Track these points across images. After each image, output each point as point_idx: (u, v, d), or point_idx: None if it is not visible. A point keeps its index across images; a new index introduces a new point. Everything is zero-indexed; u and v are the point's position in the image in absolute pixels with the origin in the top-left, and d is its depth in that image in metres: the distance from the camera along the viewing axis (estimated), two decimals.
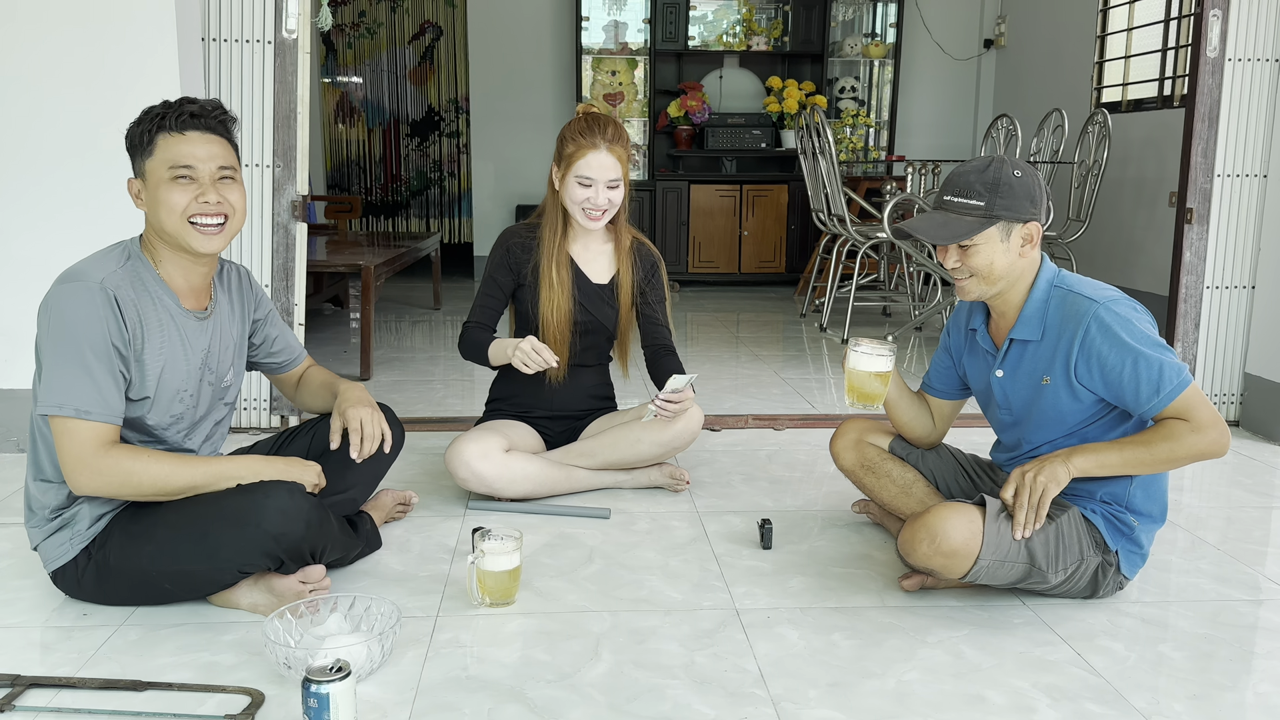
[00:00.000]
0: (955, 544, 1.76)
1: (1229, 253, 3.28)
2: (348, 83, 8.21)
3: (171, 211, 1.76)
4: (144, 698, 1.58)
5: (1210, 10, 3.16)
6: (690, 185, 6.56)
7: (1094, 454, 1.80)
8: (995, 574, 1.82)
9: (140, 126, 1.78)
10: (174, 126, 1.75)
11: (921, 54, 6.97)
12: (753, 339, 4.87)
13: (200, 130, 1.77)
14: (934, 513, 1.80)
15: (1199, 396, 1.80)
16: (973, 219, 1.85)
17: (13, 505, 2.40)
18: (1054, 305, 1.89)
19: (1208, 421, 1.78)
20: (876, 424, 2.27)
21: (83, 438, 1.70)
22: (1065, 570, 1.87)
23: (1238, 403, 3.36)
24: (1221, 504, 2.61)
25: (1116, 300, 1.85)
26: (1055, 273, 1.93)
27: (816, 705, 1.59)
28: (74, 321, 1.69)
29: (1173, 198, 3.41)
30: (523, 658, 1.73)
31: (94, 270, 1.74)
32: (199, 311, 1.87)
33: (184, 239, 1.78)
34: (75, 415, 1.69)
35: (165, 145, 1.76)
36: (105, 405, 1.71)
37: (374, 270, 4.02)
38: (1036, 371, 1.92)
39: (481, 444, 2.40)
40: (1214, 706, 1.60)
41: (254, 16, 2.91)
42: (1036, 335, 1.91)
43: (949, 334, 2.17)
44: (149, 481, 1.74)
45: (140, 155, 1.78)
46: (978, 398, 2.13)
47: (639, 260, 2.59)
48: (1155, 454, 1.79)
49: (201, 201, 1.76)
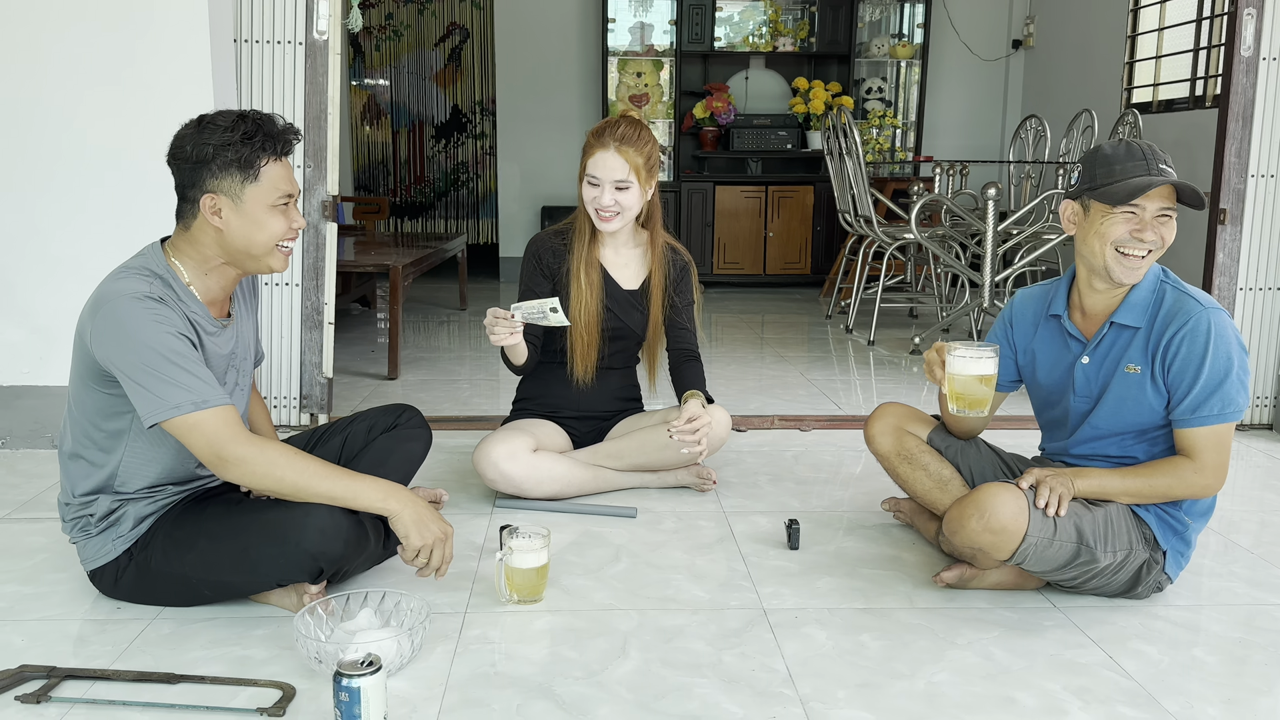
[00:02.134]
0: (1005, 519, 1.77)
1: (1263, 254, 3.24)
2: (375, 84, 8.26)
3: (272, 236, 1.77)
4: (177, 690, 1.59)
5: (1245, 8, 3.12)
6: (715, 186, 6.55)
7: (1097, 478, 1.86)
8: (1044, 554, 1.81)
9: (234, 147, 1.71)
10: (280, 151, 1.76)
11: (949, 54, 6.93)
12: (778, 340, 4.86)
13: (290, 154, 1.80)
14: (983, 490, 1.82)
15: (1224, 440, 1.84)
16: (1198, 191, 1.85)
17: (47, 500, 2.44)
18: (1162, 298, 1.90)
19: (1213, 466, 1.84)
20: (915, 413, 2.23)
21: (213, 426, 1.69)
22: (1115, 553, 1.86)
23: (1271, 405, 3.32)
24: (1255, 508, 2.58)
25: (1222, 312, 1.86)
26: (1162, 268, 1.95)
27: (845, 706, 1.58)
28: (140, 332, 1.67)
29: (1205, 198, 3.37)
30: (551, 654, 1.73)
31: (129, 286, 1.71)
32: (223, 319, 1.88)
33: (269, 261, 1.80)
34: (194, 409, 1.67)
35: (274, 170, 1.76)
36: (215, 389, 1.71)
37: (401, 270, 4.04)
38: (1125, 359, 1.91)
39: (509, 444, 2.41)
40: (1248, 711, 1.58)
41: (285, 18, 2.94)
42: (1141, 322, 1.90)
43: (1010, 325, 2.12)
44: (290, 480, 1.72)
45: (236, 174, 1.73)
46: (1041, 390, 2.09)
47: (672, 266, 2.59)
48: (1154, 487, 1.84)
49: (295, 228, 1.80)
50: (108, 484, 1.81)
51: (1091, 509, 1.85)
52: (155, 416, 1.68)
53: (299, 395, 3.12)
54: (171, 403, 1.67)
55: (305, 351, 3.10)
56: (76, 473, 1.83)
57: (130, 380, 1.68)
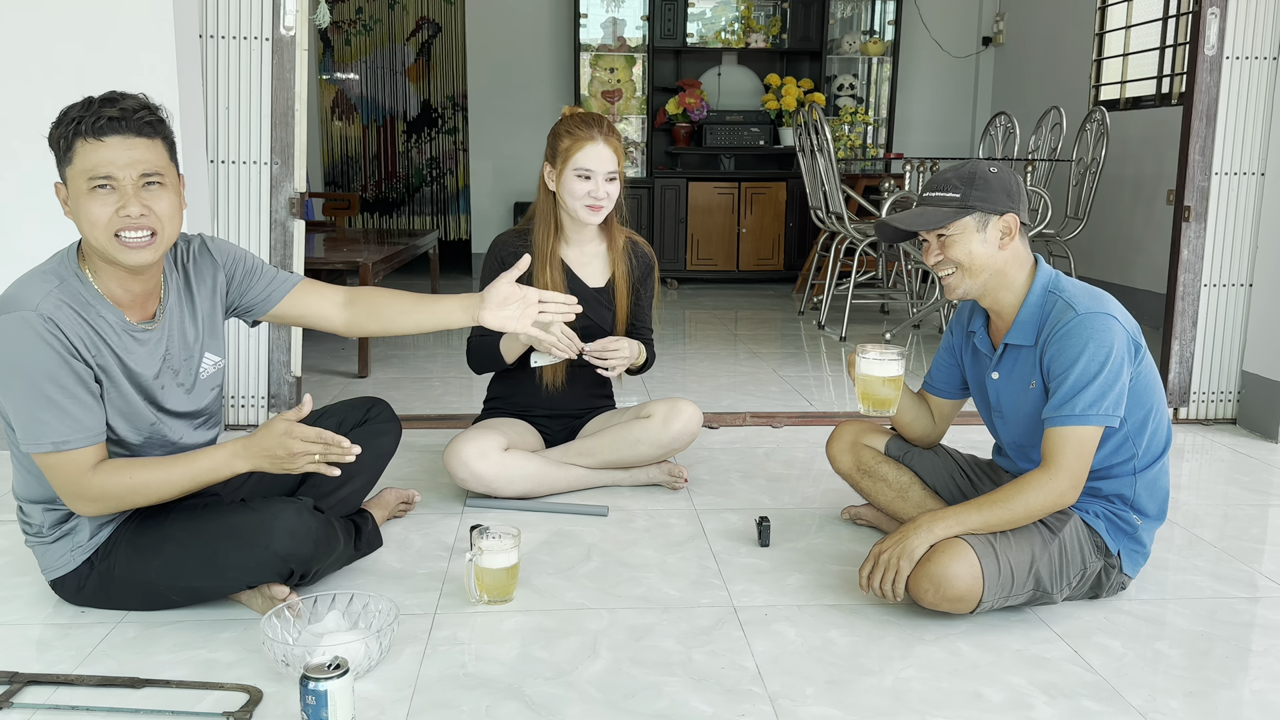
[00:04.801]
0: (960, 590, 1.77)
1: (1227, 251, 3.29)
2: (345, 79, 8.19)
3: (94, 225, 1.62)
4: (142, 695, 1.57)
5: (1209, 8, 3.16)
6: (688, 182, 6.56)
7: (955, 516, 1.82)
8: (1005, 603, 1.83)
9: (59, 130, 1.62)
10: (90, 132, 1.60)
11: (920, 51, 6.97)
12: (751, 336, 4.87)
13: (123, 134, 1.61)
14: (935, 560, 1.78)
15: (1086, 447, 1.81)
16: (949, 209, 1.89)
17: (9, 502, 2.40)
18: (1049, 311, 1.90)
19: (1067, 470, 1.80)
20: (872, 425, 2.27)
21: (68, 469, 1.64)
22: (1070, 585, 1.88)
23: (1235, 400, 3.37)
24: (1219, 501, 2.61)
25: (1095, 315, 1.83)
26: (1052, 277, 1.93)
27: (814, 702, 1.59)
28: (19, 355, 1.59)
29: (1170, 195, 3.41)
30: (521, 655, 1.73)
31: (29, 295, 1.62)
32: (146, 322, 1.75)
33: (111, 253, 1.65)
34: (53, 449, 1.63)
35: (84, 153, 1.60)
36: (81, 429, 1.64)
37: (372, 267, 4.02)
38: (1026, 376, 1.93)
39: (480, 443, 2.40)
40: (1210, 704, 1.61)
41: (252, 13, 2.91)
42: (1030, 340, 1.91)
43: (951, 333, 2.17)
44: (148, 491, 1.70)
45: (61, 161, 1.63)
46: (975, 399, 2.14)
47: (635, 260, 2.59)
48: (1013, 510, 1.81)
49: (124, 215, 1.62)
50: (46, 497, 1.76)
51: (1048, 542, 1.84)
52: (24, 445, 1.65)
53: (267, 394, 3.10)
54: (32, 436, 1.63)
55: (273, 350, 3.07)
56: (22, 480, 1.78)
57: (5, 403, 1.65)
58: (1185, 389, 3.36)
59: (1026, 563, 1.81)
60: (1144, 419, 1.89)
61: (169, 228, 1.69)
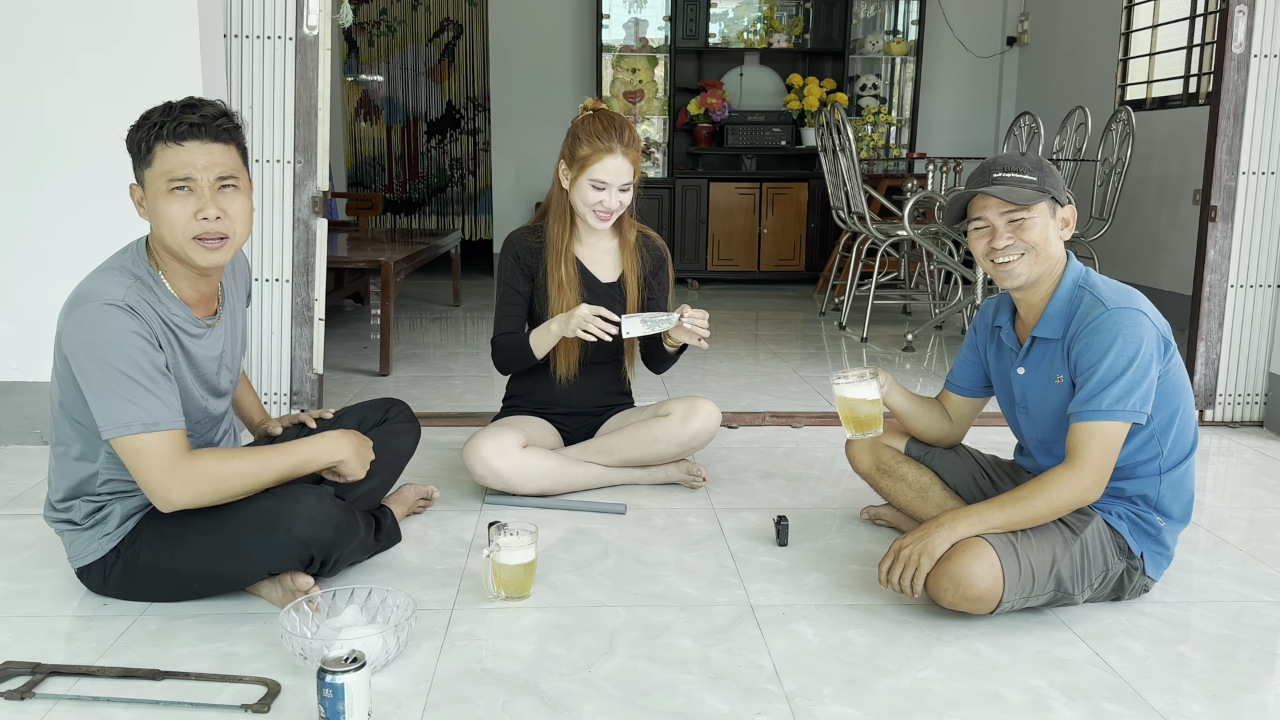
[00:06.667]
0: (980, 589, 1.75)
1: (1254, 251, 3.25)
2: (369, 80, 8.24)
3: (173, 226, 1.70)
4: (162, 686, 1.59)
5: (1236, 6, 3.12)
6: (710, 183, 6.55)
7: (978, 515, 1.80)
8: (1025, 605, 1.82)
9: (139, 133, 1.70)
10: (171, 136, 1.68)
11: (944, 51, 6.93)
12: (771, 337, 4.86)
13: (201, 140, 1.69)
14: (955, 559, 1.76)
15: (1112, 443, 1.79)
16: (1030, 190, 1.86)
17: (35, 496, 2.43)
18: (1079, 305, 1.88)
19: (1091, 466, 1.78)
20: (890, 425, 2.25)
21: (160, 451, 1.67)
22: (1091, 586, 1.86)
23: (1262, 403, 3.32)
24: (1244, 504, 2.58)
25: (1125, 310, 1.81)
26: (1081, 272, 1.92)
27: (831, 702, 1.58)
28: (108, 341, 1.65)
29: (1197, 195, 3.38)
30: (537, 651, 1.73)
31: (109, 289, 1.68)
32: (209, 319, 1.85)
33: (186, 254, 1.73)
34: (144, 430, 1.65)
35: (163, 156, 1.68)
36: (171, 411, 1.68)
37: (394, 266, 4.04)
38: (1053, 370, 1.91)
39: (498, 441, 2.41)
40: (1234, 708, 1.59)
41: (275, 12, 2.93)
42: (1058, 334, 1.89)
43: (975, 331, 2.16)
44: (241, 481, 1.73)
45: (139, 164, 1.72)
46: (999, 396, 2.12)
47: (646, 254, 2.60)
48: (1036, 508, 1.79)
49: (201, 219, 1.70)
50: (93, 480, 1.80)
51: (1070, 542, 1.82)
52: (107, 431, 1.67)
53: (289, 391, 3.12)
54: (121, 420, 1.65)
55: (295, 348, 3.09)
56: (64, 469, 1.82)
57: (88, 389, 1.67)
58: (1211, 391, 3.32)
59: (1048, 563, 1.79)
60: (1170, 418, 1.87)
61: (241, 231, 1.77)
